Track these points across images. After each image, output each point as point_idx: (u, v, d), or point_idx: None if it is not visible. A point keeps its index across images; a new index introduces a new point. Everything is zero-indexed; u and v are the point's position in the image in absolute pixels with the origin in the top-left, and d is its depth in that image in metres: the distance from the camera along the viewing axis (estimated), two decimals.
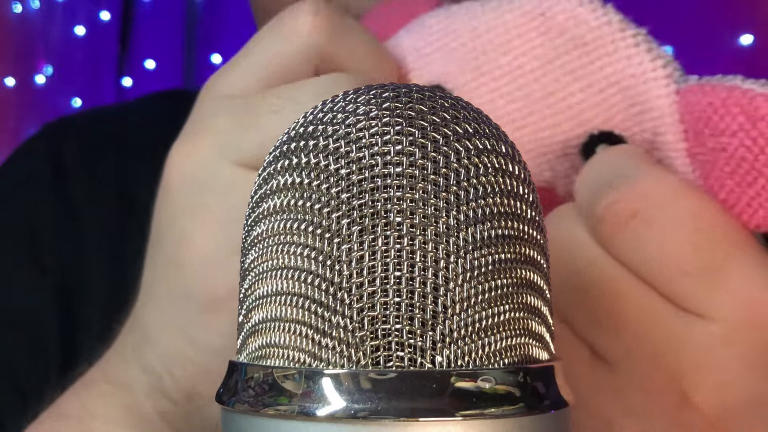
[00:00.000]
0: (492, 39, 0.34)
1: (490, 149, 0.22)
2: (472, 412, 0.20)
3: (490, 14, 0.34)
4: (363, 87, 0.23)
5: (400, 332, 0.21)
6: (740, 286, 0.31)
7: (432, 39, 0.36)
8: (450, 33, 0.35)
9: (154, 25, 1.55)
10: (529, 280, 0.22)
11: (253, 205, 0.24)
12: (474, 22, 0.35)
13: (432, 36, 0.36)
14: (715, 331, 0.31)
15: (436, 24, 0.36)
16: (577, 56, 0.33)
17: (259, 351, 0.23)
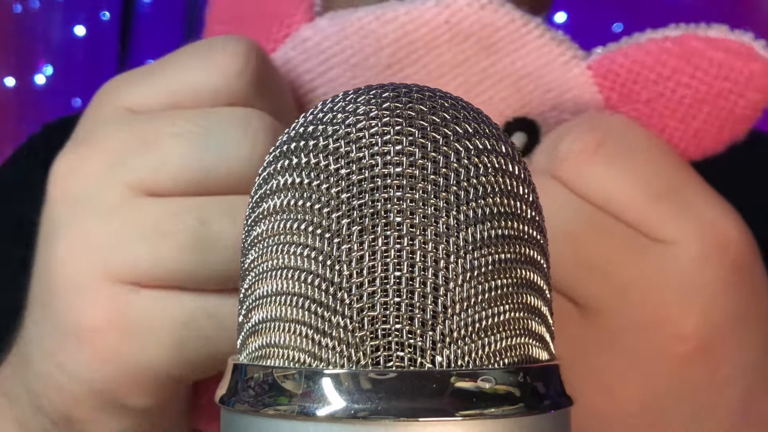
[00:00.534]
0: (396, 52, 0.34)
1: (490, 149, 0.22)
2: (472, 412, 0.20)
3: (390, 26, 0.33)
4: (363, 87, 0.23)
5: (400, 332, 0.21)
6: (703, 208, 0.34)
7: (326, 56, 0.34)
8: (347, 48, 0.34)
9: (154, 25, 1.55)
10: (529, 280, 0.22)
11: (253, 205, 0.24)
12: (372, 36, 0.33)
13: (325, 53, 0.34)
14: (689, 255, 0.33)
15: (326, 40, 0.34)
16: (485, 56, 0.34)
17: (259, 351, 0.23)
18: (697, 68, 0.34)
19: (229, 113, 0.32)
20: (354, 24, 0.33)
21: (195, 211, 0.31)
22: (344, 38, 0.34)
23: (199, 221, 0.31)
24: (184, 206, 0.31)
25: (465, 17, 0.33)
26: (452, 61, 0.34)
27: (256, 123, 0.32)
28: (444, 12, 0.33)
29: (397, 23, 0.33)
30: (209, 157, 0.31)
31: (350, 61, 0.34)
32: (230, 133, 0.32)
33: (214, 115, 0.32)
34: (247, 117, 0.32)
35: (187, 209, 0.31)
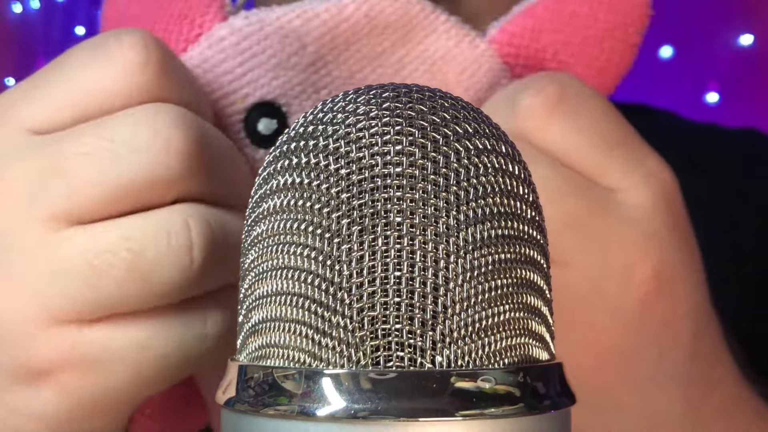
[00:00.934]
0: (318, 49, 0.33)
1: (490, 149, 0.22)
2: (472, 412, 0.20)
3: (312, 24, 0.33)
4: (363, 87, 0.23)
5: (400, 332, 0.21)
6: (646, 158, 0.36)
7: (246, 57, 0.33)
8: (267, 49, 0.33)
9: None
10: (529, 280, 0.22)
11: (253, 205, 0.24)
12: (294, 35, 0.33)
13: (244, 54, 0.33)
14: (642, 202, 0.35)
15: (245, 40, 0.33)
16: (401, 45, 0.35)
17: (259, 351, 0.23)
18: (592, 7, 0.37)
19: (133, 116, 0.30)
20: (274, 23, 0.33)
21: (127, 240, 0.29)
22: (264, 38, 0.33)
23: (133, 253, 0.29)
24: (114, 235, 0.30)
25: (381, 10, 0.34)
26: (371, 53, 0.35)
27: (163, 118, 0.30)
28: (362, 6, 0.34)
29: (318, 20, 0.33)
30: (125, 170, 0.30)
31: (271, 62, 0.33)
32: (139, 137, 0.30)
33: (119, 122, 0.30)
34: (154, 115, 0.30)
35: (117, 239, 0.29)
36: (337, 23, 0.33)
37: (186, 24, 0.34)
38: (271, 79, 0.33)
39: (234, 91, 0.33)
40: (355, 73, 0.34)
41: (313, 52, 0.34)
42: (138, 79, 0.31)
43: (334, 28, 0.34)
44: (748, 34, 1.29)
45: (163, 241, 0.29)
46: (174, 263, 0.29)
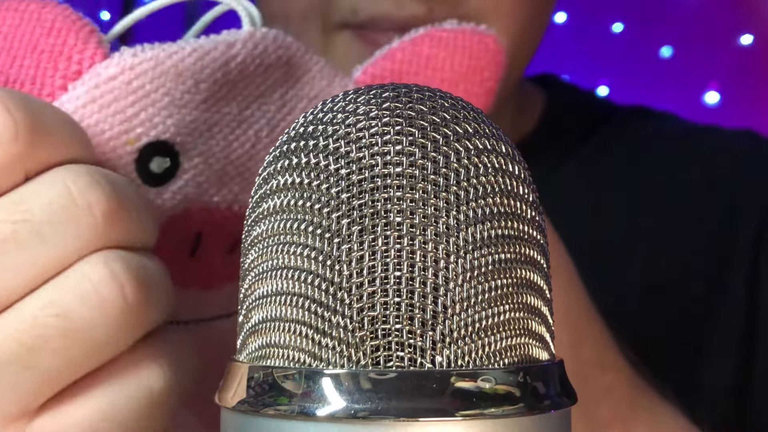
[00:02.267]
0: (210, 87, 0.33)
1: (490, 149, 0.22)
2: (472, 412, 0.20)
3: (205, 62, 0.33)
4: (363, 87, 0.23)
5: (400, 332, 0.21)
6: None
7: (139, 96, 0.32)
8: (160, 87, 0.32)
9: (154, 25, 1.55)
10: (529, 280, 0.22)
11: (253, 205, 0.24)
12: (188, 73, 0.32)
13: (137, 93, 0.32)
14: None
15: (138, 78, 0.32)
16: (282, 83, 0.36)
17: (259, 351, 0.23)
18: (447, 52, 0.39)
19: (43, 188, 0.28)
20: (168, 61, 0.32)
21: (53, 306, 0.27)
22: (158, 75, 0.32)
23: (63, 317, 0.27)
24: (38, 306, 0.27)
25: (264, 49, 0.35)
26: (256, 91, 0.35)
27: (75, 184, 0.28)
28: (248, 45, 0.34)
29: (210, 58, 0.33)
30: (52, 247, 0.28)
31: (164, 100, 0.32)
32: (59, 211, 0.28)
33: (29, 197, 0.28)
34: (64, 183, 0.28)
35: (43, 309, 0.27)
36: (227, 60, 0.33)
37: (62, 60, 0.32)
38: (165, 117, 0.32)
39: (126, 131, 0.32)
40: (243, 110, 0.35)
41: (205, 89, 0.33)
42: (13, 151, 0.28)
43: (224, 66, 0.33)
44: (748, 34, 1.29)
45: (91, 293, 0.28)
46: (109, 312, 0.28)
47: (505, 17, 0.56)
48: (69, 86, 0.32)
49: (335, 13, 0.56)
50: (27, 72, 0.32)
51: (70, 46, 0.32)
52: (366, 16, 0.55)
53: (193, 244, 0.35)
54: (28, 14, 0.33)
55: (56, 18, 0.32)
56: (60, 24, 0.32)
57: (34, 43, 0.32)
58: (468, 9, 0.55)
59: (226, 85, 0.34)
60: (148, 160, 0.32)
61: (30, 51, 0.32)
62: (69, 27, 0.32)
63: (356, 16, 0.56)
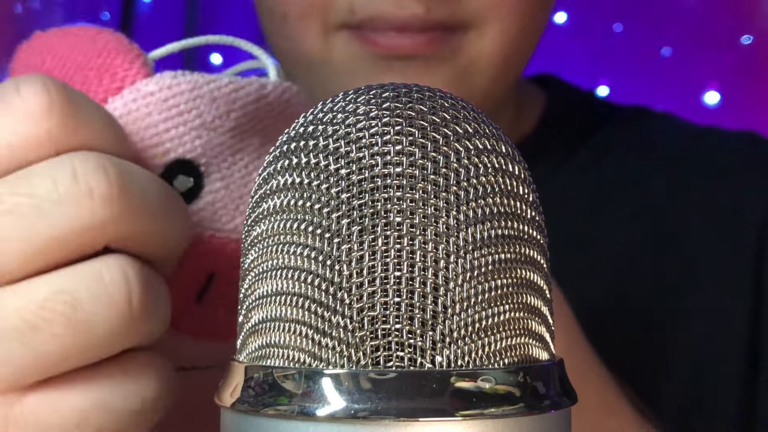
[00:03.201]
0: (239, 117, 0.35)
1: (490, 149, 0.22)
2: (472, 412, 0.20)
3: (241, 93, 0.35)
4: (363, 87, 0.23)
5: (400, 332, 0.21)
6: None
7: (172, 114, 0.33)
8: (193, 109, 0.34)
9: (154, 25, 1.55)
10: (529, 280, 0.22)
11: (253, 205, 0.24)
12: (223, 100, 0.34)
13: (171, 111, 0.33)
14: None
15: (175, 97, 0.33)
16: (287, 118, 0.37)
17: (259, 351, 0.23)
18: None
19: (50, 167, 0.29)
20: (206, 87, 0.34)
21: (62, 293, 0.28)
22: (194, 98, 0.34)
23: (70, 306, 0.28)
24: (49, 289, 0.28)
25: (290, 99, 0.36)
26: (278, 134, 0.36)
27: (83, 165, 0.29)
28: (278, 89, 0.36)
29: (244, 92, 0.35)
30: (50, 224, 0.28)
31: (196, 121, 0.34)
32: (60, 188, 0.28)
33: (36, 174, 0.29)
34: (71, 165, 0.29)
35: (53, 293, 0.28)
36: (259, 98, 0.35)
37: (107, 77, 0.34)
38: (194, 137, 0.34)
39: (155, 145, 0.33)
40: (264, 144, 0.36)
41: (235, 118, 0.34)
42: (45, 126, 0.29)
43: (256, 102, 0.35)
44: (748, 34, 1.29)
45: (101, 290, 0.28)
46: (113, 312, 0.28)
47: (504, 17, 0.56)
48: (109, 99, 0.33)
49: (333, 12, 0.56)
50: (73, 86, 0.33)
51: (117, 65, 0.34)
52: (364, 15, 0.55)
53: (203, 286, 0.35)
54: (85, 38, 0.35)
55: (108, 42, 0.34)
56: (111, 47, 0.34)
57: (85, 62, 0.34)
58: (466, 9, 0.55)
59: (254, 119, 0.35)
60: (173, 177, 0.34)
61: (80, 69, 0.34)
62: (118, 49, 0.34)
63: (354, 16, 0.55)
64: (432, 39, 0.55)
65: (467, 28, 0.56)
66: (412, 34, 0.55)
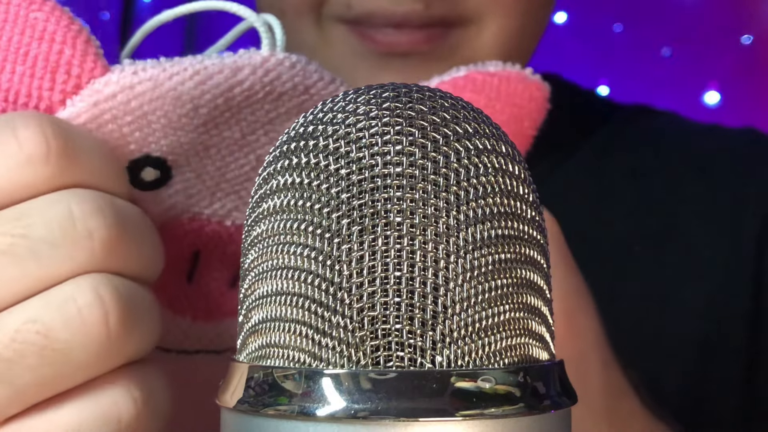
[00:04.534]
0: (211, 111, 0.32)
1: (490, 149, 0.22)
2: (472, 412, 0.20)
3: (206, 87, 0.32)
4: (363, 87, 0.23)
5: (400, 332, 0.21)
6: None
7: (136, 116, 0.32)
8: (157, 110, 0.32)
9: None
10: (529, 280, 0.22)
11: (253, 205, 0.24)
12: (187, 96, 0.32)
13: (134, 113, 0.31)
14: None
15: (136, 99, 0.31)
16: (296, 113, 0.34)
17: (259, 351, 0.23)
18: (489, 98, 0.37)
19: (47, 208, 0.28)
20: (167, 84, 0.31)
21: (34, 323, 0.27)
22: (156, 98, 0.31)
23: (43, 335, 0.27)
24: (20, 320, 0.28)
25: (277, 76, 0.33)
26: (264, 118, 0.34)
27: (81, 208, 0.28)
28: (258, 71, 0.33)
29: (213, 83, 0.32)
30: (45, 266, 0.28)
31: (161, 122, 0.32)
32: (57, 231, 0.28)
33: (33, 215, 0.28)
34: (69, 204, 0.28)
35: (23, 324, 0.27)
36: (231, 86, 0.32)
37: (61, 74, 0.31)
38: (159, 138, 0.32)
39: (119, 147, 0.32)
40: (246, 135, 0.34)
41: (205, 113, 0.32)
42: (42, 171, 0.29)
43: (228, 91, 0.32)
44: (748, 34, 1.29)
45: (75, 316, 0.27)
46: (90, 337, 0.27)
47: (503, 14, 0.56)
48: (68, 101, 0.31)
49: (329, 7, 0.56)
50: (21, 81, 0.31)
51: (68, 57, 0.31)
52: (361, 10, 0.55)
53: (191, 265, 0.34)
54: (14, 11, 0.31)
55: (47, 20, 0.31)
56: (53, 28, 0.31)
57: (25, 48, 0.31)
58: (465, 4, 0.55)
59: (229, 110, 0.33)
60: (140, 169, 0.32)
61: (22, 57, 0.31)
62: (63, 33, 0.31)
63: (350, 11, 0.55)
64: (430, 36, 0.55)
65: (466, 25, 0.56)
66: (411, 30, 0.55)
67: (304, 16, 0.57)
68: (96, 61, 0.32)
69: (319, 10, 0.56)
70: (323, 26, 0.57)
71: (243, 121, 0.33)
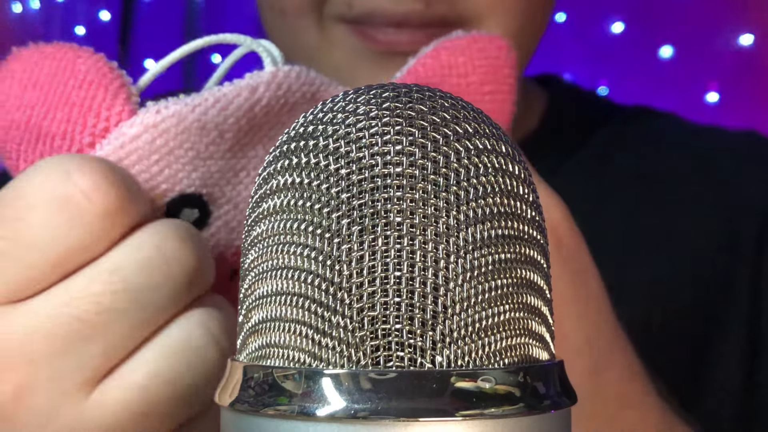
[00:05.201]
0: (236, 134, 0.33)
1: (490, 149, 0.22)
2: (472, 412, 0.20)
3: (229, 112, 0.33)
4: (363, 87, 0.23)
5: (400, 332, 0.21)
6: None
7: (162, 154, 0.32)
8: (184, 143, 0.32)
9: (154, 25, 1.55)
10: (529, 280, 0.22)
11: (253, 205, 0.24)
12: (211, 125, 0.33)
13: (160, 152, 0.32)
14: None
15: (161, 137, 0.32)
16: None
17: (259, 351, 0.23)
18: (466, 56, 0.39)
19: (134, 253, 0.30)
20: (190, 116, 0.32)
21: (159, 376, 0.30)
22: (182, 132, 0.32)
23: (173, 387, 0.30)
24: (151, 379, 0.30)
25: (288, 88, 0.34)
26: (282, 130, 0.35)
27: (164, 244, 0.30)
28: (272, 86, 0.34)
29: (234, 107, 0.33)
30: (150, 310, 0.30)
31: (188, 155, 0.32)
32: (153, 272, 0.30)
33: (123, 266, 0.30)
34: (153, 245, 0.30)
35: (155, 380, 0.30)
36: (251, 106, 0.33)
37: (91, 117, 0.32)
38: (190, 172, 0.33)
39: (152, 189, 0.32)
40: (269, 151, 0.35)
41: (230, 138, 0.33)
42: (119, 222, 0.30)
43: (249, 112, 0.33)
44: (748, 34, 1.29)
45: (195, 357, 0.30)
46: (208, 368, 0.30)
47: (503, 14, 0.56)
48: (96, 145, 0.32)
49: (330, 7, 0.56)
50: (59, 126, 0.32)
51: (99, 101, 0.32)
52: (362, 10, 0.55)
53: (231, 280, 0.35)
54: (64, 63, 0.33)
55: (89, 69, 0.33)
56: (92, 76, 0.33)
57: (67, 95, 0.33)
58: (466, 4, 0.55)
59: (252, 130, 0.34)
60: (177, 212, 0.33)
61: (63, 104, 0.33)
62: (100, 80, 0.33)
63: (351, 11, 0.55)
64: (431, 35, 0.55)
65: (466, 25, 0.56)
66: (411, 30, 0.55)
67: (306, 16, 0.57)
68: (125, 105, 0.33)
69: (320, 10, 0.56)
70: (324, 26, 0.57)
71: (264, 137, 0.35)
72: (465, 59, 0.39)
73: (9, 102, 0.33)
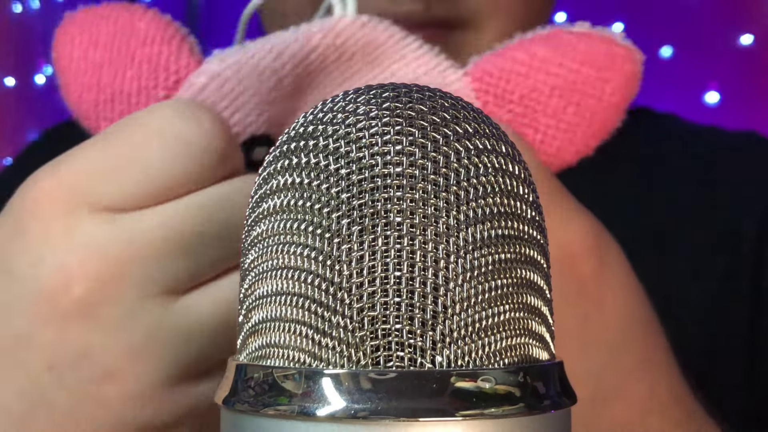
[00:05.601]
0: (294, 80, 0.34)
1: (490, 149, 0.22)
2: (472, 412, 0.20)
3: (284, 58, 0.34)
4: (363, 87, 0.23)
5: (400, 332, 0.21)
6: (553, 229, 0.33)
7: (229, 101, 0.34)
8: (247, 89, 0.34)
9: None
10: (529, 280, 0.22)
11: (253, 205, 0.24)
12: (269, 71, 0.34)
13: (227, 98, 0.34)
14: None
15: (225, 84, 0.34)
16: (369, 70, 0.36)
17: (259, 351, 0.23)
18: (564, 56, 0.36)
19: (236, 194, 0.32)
20: (249, 63, 0.34)
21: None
22: (243, 79, 0.34)
23: None
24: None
25: (348, 37, 0.35)
26: (340, 78, 0.36)
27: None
28: (329, 35, 0.35)
29: (289, 53, 0.34)
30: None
31: (253, 100, 0.34)
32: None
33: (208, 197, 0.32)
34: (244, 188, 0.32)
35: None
36: (307, 53, 0.34)
37: (161, 72, 0.34)
38: (257, 116, 0.34)
39: (239, 124, 0.34)
40: (327, 95, 0.35)
41: (289, 83, 0.34)
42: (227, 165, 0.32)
43: (305, 59, 0.34)
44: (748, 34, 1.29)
45: None
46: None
47: (503, 15, 0.56)
48: (171, 98, 0.34)
49: None
50: (131, 84, 0.33)
51: (166, 56, 0.34)
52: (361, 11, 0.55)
53: None
54: (122, 23, 0.35)
55: (149, 26, 0.34)
56: (153, 32, 0.34)
57: (132, 53, 0.34)
58: (466, 6, 0.55)
59: (308, 75, 0.35)
60: (250, 150, 0.35)
61: (130, 62, 0.34)
62: (162, 36, 0.34)
63: None
64: (430, 36, 0.55)
65: (466, 27, 0.55)
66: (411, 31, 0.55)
67: (307, 16, 0.57)
68: (190, 57, 0.34)
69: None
70: None
71: (322, 83, 0.36)
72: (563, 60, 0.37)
73: (74, 65, 0.35)
